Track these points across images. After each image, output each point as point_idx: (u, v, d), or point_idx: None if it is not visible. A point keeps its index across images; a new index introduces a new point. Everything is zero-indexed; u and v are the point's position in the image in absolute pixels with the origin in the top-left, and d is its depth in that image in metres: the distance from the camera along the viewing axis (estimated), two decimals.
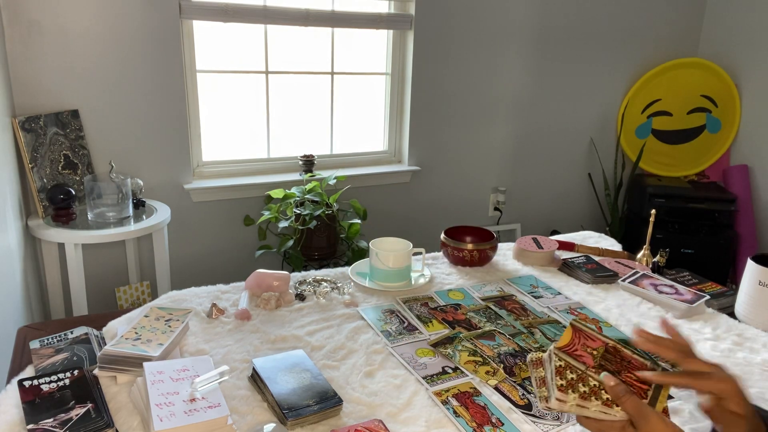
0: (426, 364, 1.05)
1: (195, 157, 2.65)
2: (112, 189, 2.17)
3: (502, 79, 3.18)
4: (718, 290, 1.43)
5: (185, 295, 1.28)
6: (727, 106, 3.44)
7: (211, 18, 2.48)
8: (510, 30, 3.11)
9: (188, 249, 2.66)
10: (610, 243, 1.76)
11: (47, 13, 2.17)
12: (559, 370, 0.73)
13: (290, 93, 2.83)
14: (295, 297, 1.29)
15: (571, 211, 3.64)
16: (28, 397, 0.87)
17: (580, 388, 0.71)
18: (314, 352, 1.08)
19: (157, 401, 0.83)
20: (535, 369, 0.78)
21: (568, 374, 0.72)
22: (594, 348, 0.74)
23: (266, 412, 0.90)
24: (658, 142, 3.57)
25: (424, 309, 1.26)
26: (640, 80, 3.48)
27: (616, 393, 0.68)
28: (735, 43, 3.43)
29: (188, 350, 1.07)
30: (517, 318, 1.24)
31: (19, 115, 2.13)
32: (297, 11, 2.63)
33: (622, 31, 3.40)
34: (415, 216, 3.18)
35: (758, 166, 3.36)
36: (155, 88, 2.42)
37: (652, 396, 0.69)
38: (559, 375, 0.72)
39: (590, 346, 0.75)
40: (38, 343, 1.06)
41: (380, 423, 0.87)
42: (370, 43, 2.95)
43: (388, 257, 1.35)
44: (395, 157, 3.14)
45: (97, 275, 2.47)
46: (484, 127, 3.22)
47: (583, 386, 0.71)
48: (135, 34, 2.33)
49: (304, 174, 2.74)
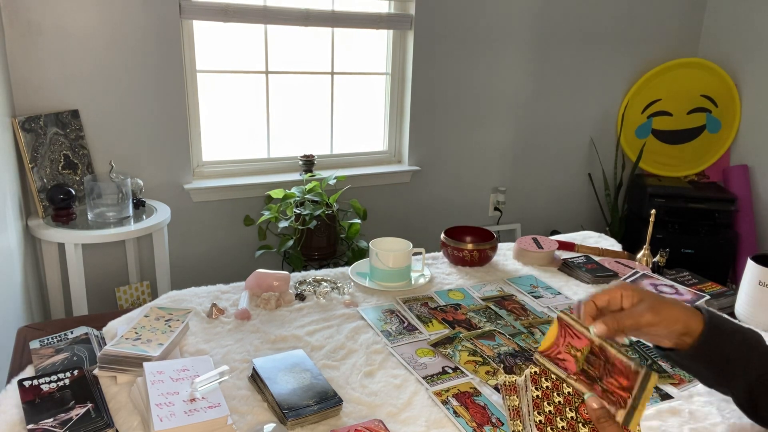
0: (426, 364, 1.05)
1: (195, 157, 2.65)
2: (112, 189, 2.17)
3: (502, 79, 3.17)
4: (718, 290, 1.43)
5: (185, 295, 1.28)
6: (727, 106, 3.44)
7: (211, 18, 2.48)
8: (510, 30, 3.11)
9: (188, 249, 2.66)
10: (610, 243, 1.76)
11: (47, 13, 2.17)
12: (537, 402, 0.69)
13: (290, 93, 2.83)
14: (295, 297, 1.29)
15: (571, 211, 3.64)
16: (28, 397, 0.87)
17: (558, 423, 0.68)
18: (314, 352, 1.08)
19: (157, 401, 0.83)
20: (508, 396, 0.72)
21: (546, 407, 0.69)
22: (579, 349, 0.71)
23: (266, 412, 0.90)
24: (658, 142, 3.57)
25: (424, 309, 1.26)
26: (640, 80, 3.48)
27: (597, 417, 0.67)
28: (735, 43, 3.43)
29: (188, 350, 1.07)
30: (517, 318, 1.24)
31: (19, 115, 2.13)
32: (297, 11, 2.63)
33: (622, 31, 3.40)
34: (415, 216, 3.18)
35: (758, 166, 3.36)
36: (155, 88, 2.42)
37: (629, 408, 0.66)
38: (537, 408, 0.68)
39: (575, 346, 0.71)
40: (38, 343, 1.06)
41: (380, 423, 0.87)
42: (370, 43, 2.95)
43: (388, 257, 1.35)
44: (395, 157, 3.14)
45: (97, 275, 2.47)
46: (484, 127, 3.22)
47: (561, 421, 0.68)
48: (135, 34, 2.33)
49: (304, 174, 2.74)
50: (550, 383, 0.71)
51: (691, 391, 0.99)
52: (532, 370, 0.73)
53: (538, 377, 0.71)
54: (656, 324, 0.75)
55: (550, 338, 0.73)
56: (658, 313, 0.75)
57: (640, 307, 0.75)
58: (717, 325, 0.78)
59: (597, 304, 0.75)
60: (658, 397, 0.98)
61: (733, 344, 0.78)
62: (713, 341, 0.77)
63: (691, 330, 0.77)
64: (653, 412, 0.94)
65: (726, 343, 0.78)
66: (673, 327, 0.76)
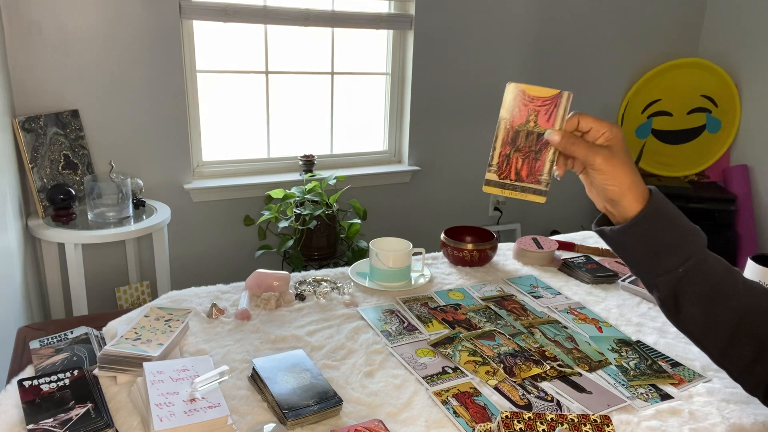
0: (426, 364, 1.05)
1: (195, 157, 2.65)
2: (112, 189, 2.17)
3: (502, 79, 3.17)
4: None
5: (185, 295, 1.28)
6: (727, 106, 3.44)
7: (211, 18, 2.48)
8: (510, 30, 3.11)
9: (188, 249, 2.66)
10: None
11: (47, 13, 2.17)
12: None
13: (290, 93, 2.83)
14: (295, 297, 1.29)
15: (571, 211, 3.64)
16: (28, 397, 0.87)
17: None
18: (314, 352, 1.08)
19: (157, 401, 0.83)
20: None
21: None
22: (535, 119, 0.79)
23: (266, 412, 0.90)
24: (658, 142, 3.57)
25: (424, 309, 1.26)
26: (640, 80, 3.48)
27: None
28: (735, 43, 3.43)
29: (188, 350, 1.07)
30: (517, 318, 1.24)
31: (19, 115, 2.13)
32: (297, 11, 2.63)
33: (622, 31, 3.40)
34: (415, 216, 3.18)
35: (758, 166, 3.36)
36: (155, 88, 2.42)
37: None
38: None
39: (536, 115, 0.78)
40: (38, 343, 1.06)
41: (380, 423, 0.87)
42: (370, 43, 2.95)
43: (388, 257, 1.35)
44: (395, 157, 3.14)
45: (97, 275, 2.47)
46: (484, 127, 3.22)
47: None
48: (135, 34, 2.33)
49: (304, 174, 2.74)
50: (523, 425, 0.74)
51: (691, 392, 0.99)
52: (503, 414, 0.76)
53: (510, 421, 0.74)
54: (601, 171, 0.75)
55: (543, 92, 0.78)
56: (609, 163, 0.75)
57: (602, 149, 0.75)
58: (658, 209, 0.76)
59: (579, 123, 0.77)
60: (658, 397, 0.98)
61: (669, 234, 0.76)
62: (646, 226, 0.76)
63: (625, 205, 0.76)
64: (653, 412, 0.94)
65: (661, 231, 0.76)
66: (610, 184, 0.75)
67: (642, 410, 0.94)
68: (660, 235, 0.76)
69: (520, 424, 0.75)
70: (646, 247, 0.77)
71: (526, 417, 0.76)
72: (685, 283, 0.77)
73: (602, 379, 1.02)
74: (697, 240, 0.78)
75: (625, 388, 1.00)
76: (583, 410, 0.93)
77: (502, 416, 0.77)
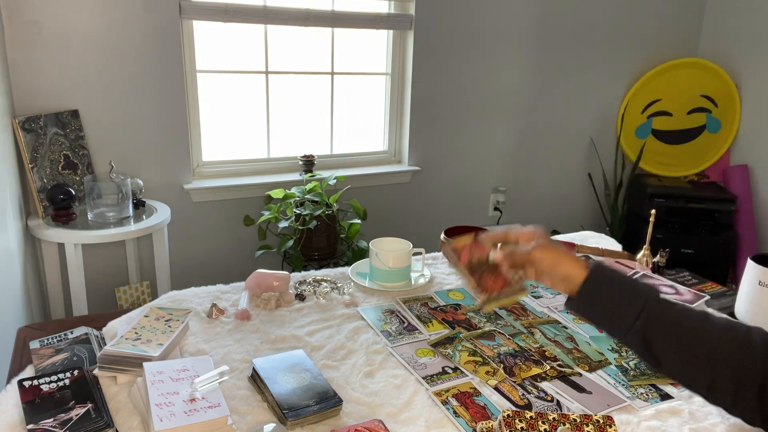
0: (426, 364, 1.05)
1: (195, 157, 2.65)
2: (112, 189, 2.17)
3: (502, 79, 3.18)
4: (718, 290, 1.43)
5: (185, 295, 1.28)
6: (727, 106, 3.44)
7: (211, 18, 2.48)
8: (510, 30, 3.11)
9: (188, 249, 2.66)
10: (610, 243, 1.76)
11: (47, 13, 2.17)
12: None
13: (290, 93, 2.83)
14: (295, 297, 1.29)
15: (571, 211, 3.64)
16: (28, 397, 0.87)
17: None
18: (314, 352, 1.08)
19: (157, 401, 0.83)
20: None
21: None
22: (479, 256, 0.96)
23: (266, 412, 0.90)
24: (658, 142, 3.57)
25: (424, 309, 1.26)
26: (640, 80, 3.48)
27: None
28: (735, 43, 3.43)
29: (188, 350, 1.07)
30: (517, 318, 1.24)
31: (19, 115, 2.13)
32: (297, 11, 2.63)
33: (622, 31, 3.40)
34: (415, 216, 3.18)
35: (758, 166, 3.36)
36: (155, 88, 2.42)
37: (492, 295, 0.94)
38: None
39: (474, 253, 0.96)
40: (38, 343, 1.06)
41: (380, 423, 0.87)
42: (370, 43, 2.95)
43: (388, 257, 1.35)
44: (395, 157, 3.14)
45: (97, 275, 2.47)
46: (484, 127, 3.21)
47: None
48: (135, 34, 2.33)
49: (304, 174, 2.74)
50: (524, 423, 0.75)
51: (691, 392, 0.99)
52: (505, 413, 0.78)
53: (512, 420, 0.76)
54: (542, 259, 0.87)
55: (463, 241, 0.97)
56: (546, 249, 0.88)
57: (534, 245, 0.89)
58: (601, 275, 0.85)
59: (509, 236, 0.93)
60: (658, 397, 0.98)
61: (617, 292, 0.83)
62: (595, 289, 0.84)
63: (572, 276, 0.85)
64: (653, 412, 0.94)
65: (608, 292, 0.84)
66: (556, 263, 0.87)
67: (642, 410, 0.94)
68: (608, 293, 0.84)
69: (522, 423, 0.75)
70: (601, 308, 0.84)
71: (528, 416, 0.76)
72: (650, 332, 0.80)
73: (602, 379, 1.02)
74: (645, 289, 0.83)
75: (625, 388, 1.00)
76: (583, 410, 0.93)
77: (504, 415, 0.77)
